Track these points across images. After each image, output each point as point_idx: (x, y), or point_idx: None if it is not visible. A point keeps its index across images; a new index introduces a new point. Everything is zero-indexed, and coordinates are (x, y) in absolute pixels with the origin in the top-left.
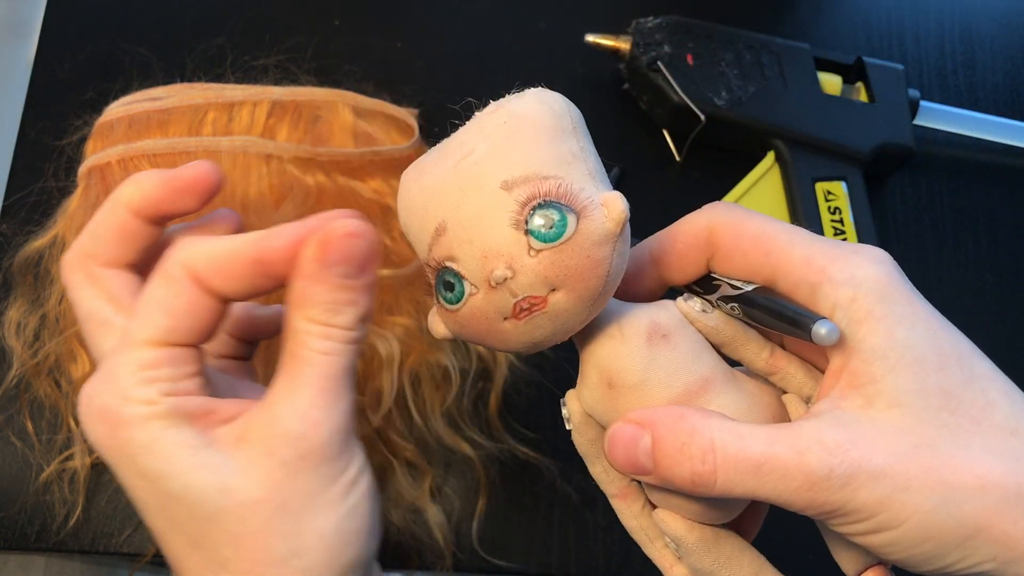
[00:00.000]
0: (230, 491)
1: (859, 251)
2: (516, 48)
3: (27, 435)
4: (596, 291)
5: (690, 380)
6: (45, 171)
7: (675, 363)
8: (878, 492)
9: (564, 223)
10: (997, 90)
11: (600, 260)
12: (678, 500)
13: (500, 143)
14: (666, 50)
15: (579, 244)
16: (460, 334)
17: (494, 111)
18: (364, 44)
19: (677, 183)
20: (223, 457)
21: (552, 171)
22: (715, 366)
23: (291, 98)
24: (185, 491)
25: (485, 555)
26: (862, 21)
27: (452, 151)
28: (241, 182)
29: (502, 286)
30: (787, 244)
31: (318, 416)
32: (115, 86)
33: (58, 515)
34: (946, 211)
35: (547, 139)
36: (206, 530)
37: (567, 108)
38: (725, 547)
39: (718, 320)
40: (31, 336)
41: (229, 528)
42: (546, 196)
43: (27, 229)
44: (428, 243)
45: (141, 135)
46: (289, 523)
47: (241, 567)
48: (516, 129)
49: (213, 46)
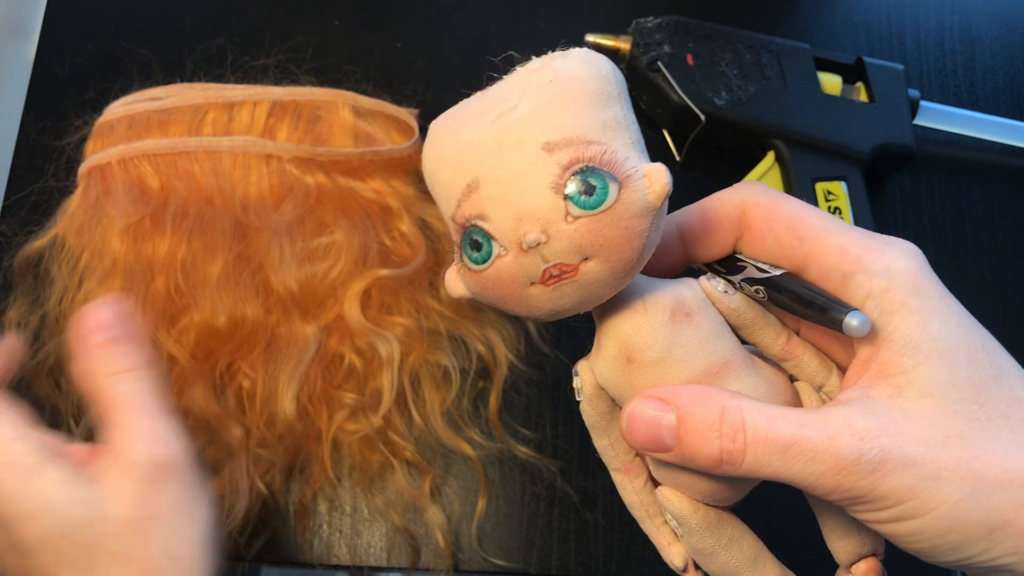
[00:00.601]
0: (104, 517)
1: (893, 243)
2: (516, 48)
3: None
4: (630, 263)
5: (711, 361)
6: (45, 171)
7: (697, 342)
8: (907, 480)
9: (606, 191)
10: (997, 90)
11: (638, 232)
12: (686, 479)
13: (544, 103)
14: (666, 50)
15: (619, 214)
16: (481, 295)
17: (539, 68)
18: (364, 44)
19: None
20: (90, 488)
21: (596, 136)
22: (735, 348)
23: (291, 98)
24: (64, 525)
25: (485, 555)
26: (862, 21)
27: (491, 105)
28: (241, 182)
29: (534, 250)
30: (822, 231)
31: (160, 431)
32: (115, 86)
33: None
34: (946, 211)
35: (592, 103)
36: (91, 556)
37: (613, 73)
38: (727, 529)
39: (740, 302)
40: (31, 336)
41: (111, 548)
42: (589, 161)
43: (27, 229)
44: (458, 199)
45: (141, 135)
46: (162, 532)
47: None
48: (562, 89)
49: (213, 46)
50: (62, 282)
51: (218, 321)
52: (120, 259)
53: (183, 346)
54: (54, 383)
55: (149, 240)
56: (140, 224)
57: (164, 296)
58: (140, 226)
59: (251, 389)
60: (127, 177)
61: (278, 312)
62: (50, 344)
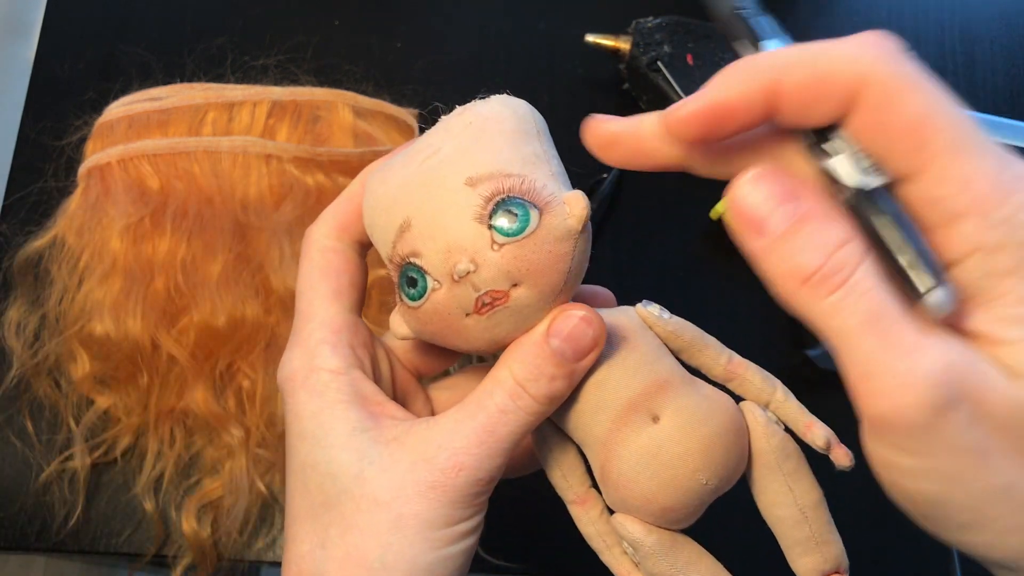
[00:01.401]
0: (364, 481)
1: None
2: (516, 48)
3: (27, 435)
4: (557, 286)
5: (648, 380)
6: (45, 171)
7: (634, 363)
8: None
9: (527, 218)
10: (997, 90)
11: (562, 255)
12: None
13: (466, 142)
14: (666, 50)
15: (541, 239)
16: (422, 332)
17: (460, 113)
18: (364, 44)
19: (677, 183)
20: (373, 448)
21: (516, 169)
22: (673, 369)
23: (291, 98)
24: (328, 463)
25: (485, 555)
26: (862, 21)
27: (419, 152)
28: (241, 182)
29: (465, 280)
30: (950, 146)
31: (465, 461)
32: (115, 86)
33: (58, 515)
34: None
35: (511, 140)
36: (328, 504)
37: (531, 113)
38: (683, 552)
39: (676, 325)
40: (31, 336)
41: (346, 513)
42: (509, 192)
43: (27, 229)
44: (392, 240)
45: (141, 135)
46: (393, 536)
47: (336, 553)
48: (481, 129)
49: (213, 46)
50: (62, 282)
51: (218, 321)
52: (120, 259)
53: (183, 346)
54: (54, 383)
55: (149, 240)
56: (140, 224)
57: (164, 296)
58: (140, 226)
59: (251, 389)
60: (127, 177)
61: (278, 312)
62: (50, 344)
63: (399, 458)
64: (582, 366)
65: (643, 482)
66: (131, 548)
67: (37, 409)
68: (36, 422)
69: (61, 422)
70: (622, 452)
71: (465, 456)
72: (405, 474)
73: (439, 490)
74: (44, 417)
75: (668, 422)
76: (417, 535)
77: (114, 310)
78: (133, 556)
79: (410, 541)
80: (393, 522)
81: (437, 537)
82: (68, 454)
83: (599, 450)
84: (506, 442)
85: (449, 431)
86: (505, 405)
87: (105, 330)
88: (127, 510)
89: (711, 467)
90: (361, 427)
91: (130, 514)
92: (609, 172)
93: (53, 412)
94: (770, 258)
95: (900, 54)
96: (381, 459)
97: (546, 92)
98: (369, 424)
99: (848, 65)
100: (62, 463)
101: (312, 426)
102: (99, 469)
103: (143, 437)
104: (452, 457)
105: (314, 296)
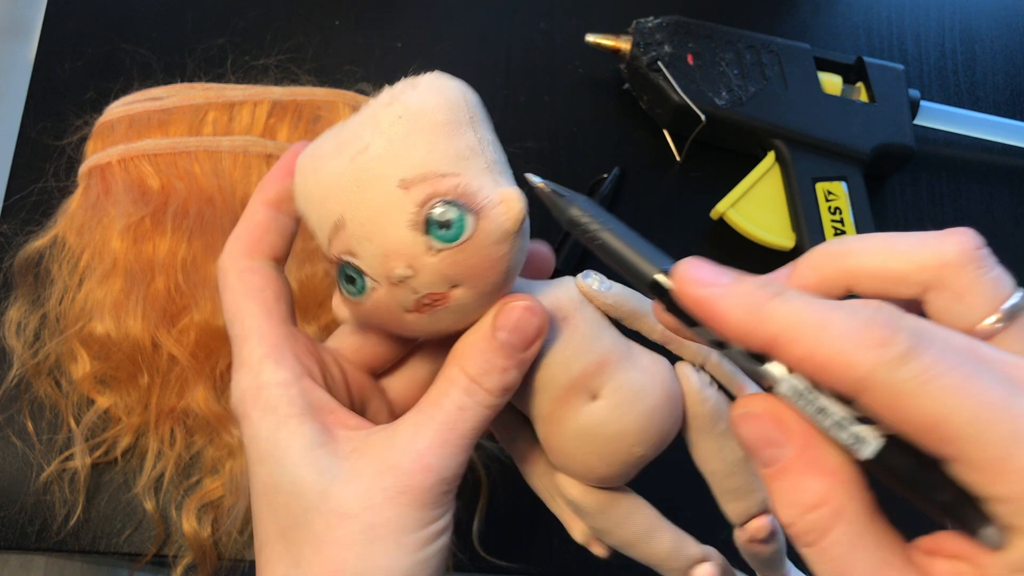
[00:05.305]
0: (329, 496)
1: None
2: (516, 48)
3: (27, 435)
4: (497, 285)
5: (588, 361)
6: (45, 171)
7: (574, 345)
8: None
9: (463, 224)
10: (997, 90)
11: (499, 258)
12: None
13: (396, 140)
14: (666, 50)
15: (478, 243)
16: (365, 323)
17: (388, 104)
18: (364, 44)
19: (677, 183)
20: (334, 462)
21: (450, 168)
22: (612, 345)
23: (291, 98)
24: (291, 482)
25: (485, 555)
26: (862, 21)
27: (347, 143)
28: (242, 182)
29: (404, 283)
30: (970, 429)
31: (431, 462)
32: (115, 86)
33: (58, 515)
34: (946, 211)
35: (444, 134)
36: (296, 524)
37: (463, 97)
38: (619, 508)
39: (616, 297)
40: (31, 336)
41: (316, 530)
42: (444, 196)
43: (27, 229)
44: (328, 236)
45: (141, 135)
46: (368, 547)
47: (313, 570)
48: (412, 125)
49: (213, 46)
50: (62, 282)
51: (218, 321)
52: (120, 259)
53: (184, 346)
54: (54, 383)
55: (149, 240)
56: (140, 224)
57: (164, 296)
58: (140, 226)
59: None
60: (127, 177)
61: None
62: (50, 344)
63: (362, 469)
64: (530, 354)
65: (582, 456)
66: (131, 548)
67: (37, 409)
68: (36, 422)
69: (61, 422)
70: (562, 429)
71: (430, 457)
72: (371, 483)
73: (409, 494)
74: (44, 417)
75: (606, 401)
76: (392, 542)
77: (115, 310)
78: (133, 556)
79: (386, 549)
80: (366, 532)
81: (411, 541)
82: (68, 454)
83: (542, 425)
84: (467, 438)
85: (410, 435)
86: (462, 402)
87: (105, 330)
88: (127, 510)
89: (646, 441)
90: (318, 441)
91: (130, 514)
92: (609, 172)
93: (53, 412)
94: (767, 485)
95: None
96: (344, 472)
97: (546, 92)
98: (325, 438)
99: (847, 368)
100: (62, 463)
101: (269, 448)
102: (99, 469)
103: (143, 437)
104: (418, 460)
105: (244, 317)
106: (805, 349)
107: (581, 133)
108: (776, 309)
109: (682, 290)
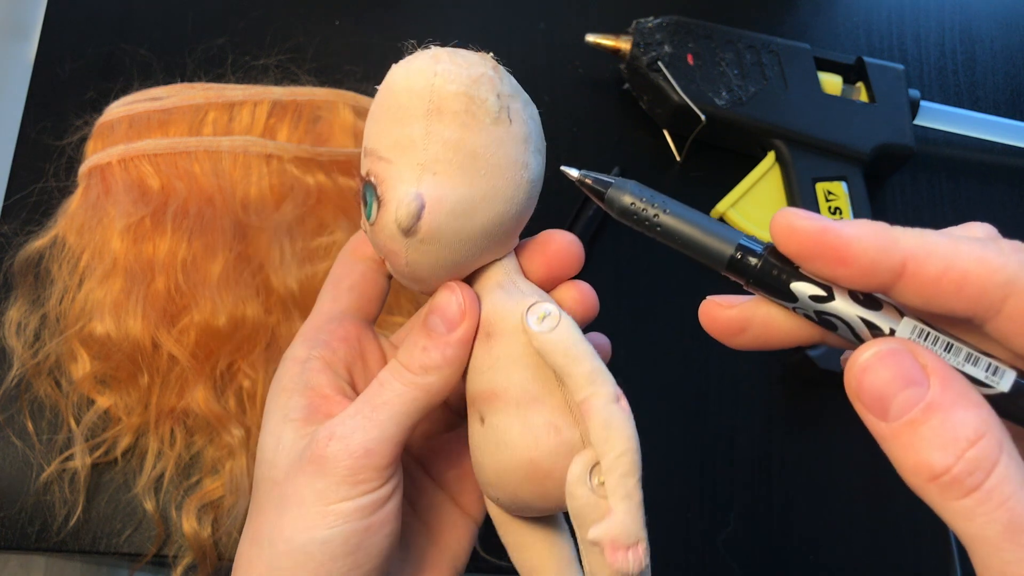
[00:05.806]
0: (272, 465)
1: None
2: (516, 48)
3: (27, 435)
4: (403, 273)
5: (483, 387)
6: (45, 171)
7: (484, 364)
8: None
9: (370, 209)
10: (997, 90)
11: (394, 252)
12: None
13: (372, 109)
14: (666, 50)
15: (377, 231)
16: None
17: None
18: (364, 44)
19: (677, 183)
20: (290, 435)
21: (387, 152)
22: (515, 385)
23: (291, 98)
24: (261, 450)
25: (485, 555)
26: (862, 21)
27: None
28: (241, 182)
29: None
30: None
31: (336, 431)
32: (115, 86)
33: (58, 515)
34: (946, 211)
35: (394, 119)
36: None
37: (430, 90)
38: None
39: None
40: (31, 336)
41: (259, 497)
42: (368, 176)
43: (27, 229)
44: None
45: (142, 135)
46: (277, 515)
47: (247, 534)
48: (379, 99)
49: (213, 46)
50: (62, 282)
51: (218, 321)
52: (120, 259)
53: (183, 346)
54: (55, 383)
55: (149, 240)
56: (140, 224)
57: (164, 296)
58: (140, 226)
59: (251, 389)
60: (127, 177)
61: (278, 312)
62: (50, 344)
63: (300, 440)
64: (455, 338)
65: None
66: (131, 548)
67: (37, 409)
68: (36, 422)
69: (61, 422)
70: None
71: (338, 426)
72: (297, 454)
73: (315, 463)
74: (44, 417)
75: (481, 432)
76: (297, 511)
77: (115, 310)
78: (133, 556)
79: (291, 518)
80: (279, 500)
81: (319, 513)
82: (68, 454)
83: None
84: (382, 412)
85: (347, 408)
86: (382, 377)
87: (106, 330)
88: (127, 510)
89: (500, 490)
90: (291, 416)
91: (130, 514)
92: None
93: (53, 412)
94: (894, 445)
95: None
96: (289, 443)
97: (546, 92)
98: (299, 414)
99: (992, 274)
100: (62, 463)
101: (265, 415)
102: (99, 469)
103: (143, 437)
104: (325, 428)
105: (318, 300)
106: (942, 263)
107: (581, 133)
108: (904, 234)
109: (798, 229)
